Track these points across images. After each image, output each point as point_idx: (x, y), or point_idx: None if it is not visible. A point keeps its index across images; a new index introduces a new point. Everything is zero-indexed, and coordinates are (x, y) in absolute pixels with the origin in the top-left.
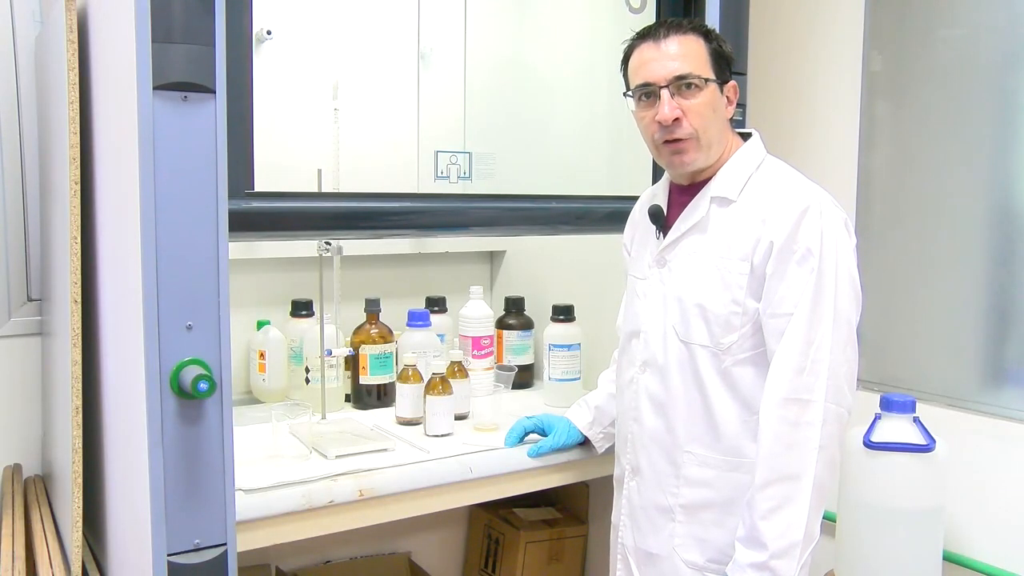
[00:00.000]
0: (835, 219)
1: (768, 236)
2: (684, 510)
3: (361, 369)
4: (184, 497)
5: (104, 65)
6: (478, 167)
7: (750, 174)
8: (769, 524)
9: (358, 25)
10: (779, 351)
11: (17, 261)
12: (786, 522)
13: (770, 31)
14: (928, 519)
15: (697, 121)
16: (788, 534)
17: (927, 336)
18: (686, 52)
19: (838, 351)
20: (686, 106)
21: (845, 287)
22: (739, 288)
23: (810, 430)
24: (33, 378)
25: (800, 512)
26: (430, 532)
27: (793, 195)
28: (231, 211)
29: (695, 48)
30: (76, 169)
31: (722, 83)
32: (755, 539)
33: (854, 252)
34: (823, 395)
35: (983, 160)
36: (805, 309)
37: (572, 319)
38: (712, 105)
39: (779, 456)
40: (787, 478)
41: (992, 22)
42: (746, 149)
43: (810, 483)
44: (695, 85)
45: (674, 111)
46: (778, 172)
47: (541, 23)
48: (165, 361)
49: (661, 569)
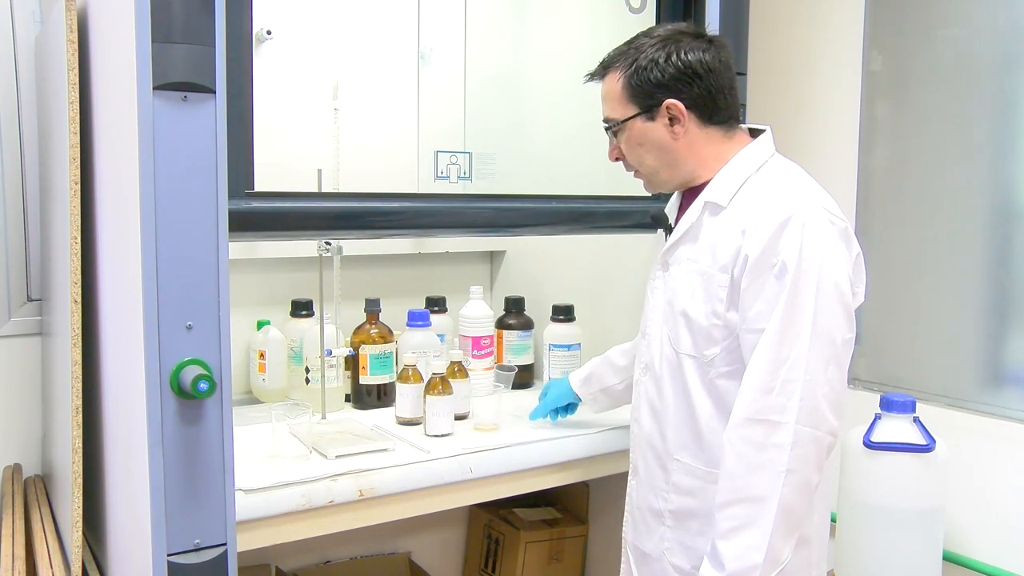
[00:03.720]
0: (820, 231)
1: (745, 249)
2: (673, 516)
3: (361, 369)
4: (184, 497)
5: (104, 65)
6: (478, 167)
7: (746, 178)
8: (728, 545)
9: (358, 25)
10: (748, 369)
11: (17, 261)
12: (745, 544)
13: (770, 31)
14: (928, 519)
15: (630, 159)
16: (746, 556)
17: (927, 336)
18: (605, 95)
19: (817, 370)
20: (619, 146)
21: (829, 303)
22: (719, 301)
23: (777, 452)
24: (33, 378)
25: (761, 535)
26: (430, 532)
27: (777, 204)
28: (231, 211)
29: (612, 88)
30: (76, 169)
31: (652, 109)
32: (715, 557)
33: (848, 265)
34: (794, 417)
35: (983, 160)
36: (776, 325)
37: (572, 319)
38: (637, 140)
39: (740, 477)
40: (749, 500)
41: (992, 22)
42: (747, 152)
43: (774, 506)
44: (612, 128)
45: (613, 152)
46: (774, 176)
47: (541, 23)
48: (165, 361)
49: (653, 569)
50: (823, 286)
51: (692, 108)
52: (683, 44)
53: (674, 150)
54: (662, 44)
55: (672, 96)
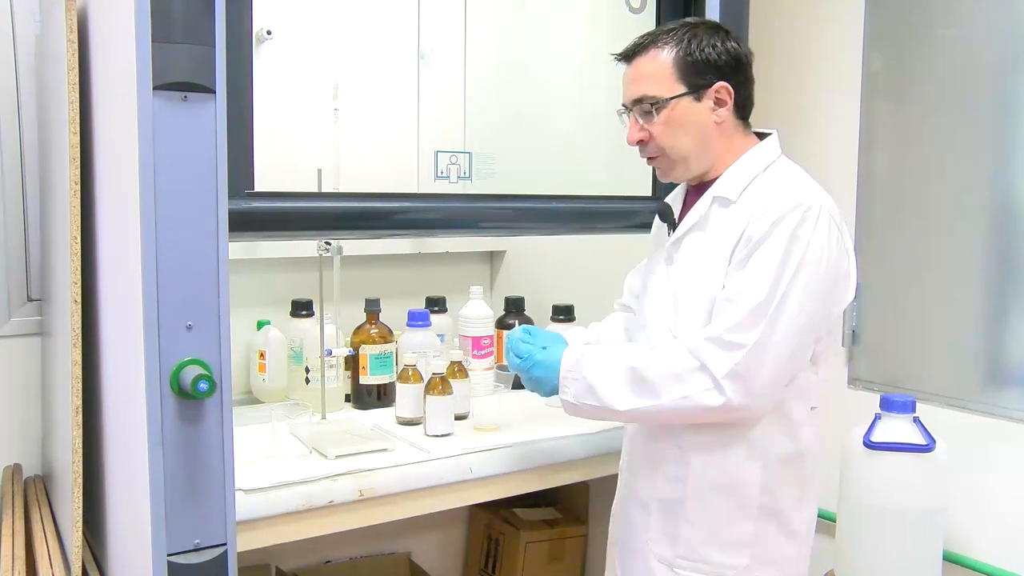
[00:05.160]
0: (821, 222)
1: (748, 231)
2: (659, 504)
3: (361, 369)
4: (184, 497)
5: (104, 65)
6: (478, 167)
7: (755, 176)
8: (609, 381)
9: (358, 25)
10: (712, 321)
11: (17, 261)
12: (614, 387)
13: (770, 31)
14: (928, 519)
15: (663, 140)
16: (601, 386)
17: (927, 336)
18: (647, 72)
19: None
20: (650, 127)
21: (807, 283)
22: (721, 287)
23: (697, 383)
24: (33, 378)
25: (621, 399)
26: (430, 532)
27: (783, 196)
28: (231, 211)
29: (657, 65)
30: (76, 169)
31: (700, 90)
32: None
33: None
34: (725, 373)
35: (983, 160)
36: (753, 297)
37: (572, 319)
38: (678, 121)
39: (661, 367)
40: (644, 381)
41: (992, 22)
42: (757, 151)
43: (656, 407)
44: (654, 106)
45: (638, 134)
46: (783, 175)
47: (541, 23)
48: (165, 361)
49: (635, 563)
50: (805, 269)
51: (736, 96)
52: (729, 34)
53: (712, 135)
54: (713, 30)
55: (723, 79)
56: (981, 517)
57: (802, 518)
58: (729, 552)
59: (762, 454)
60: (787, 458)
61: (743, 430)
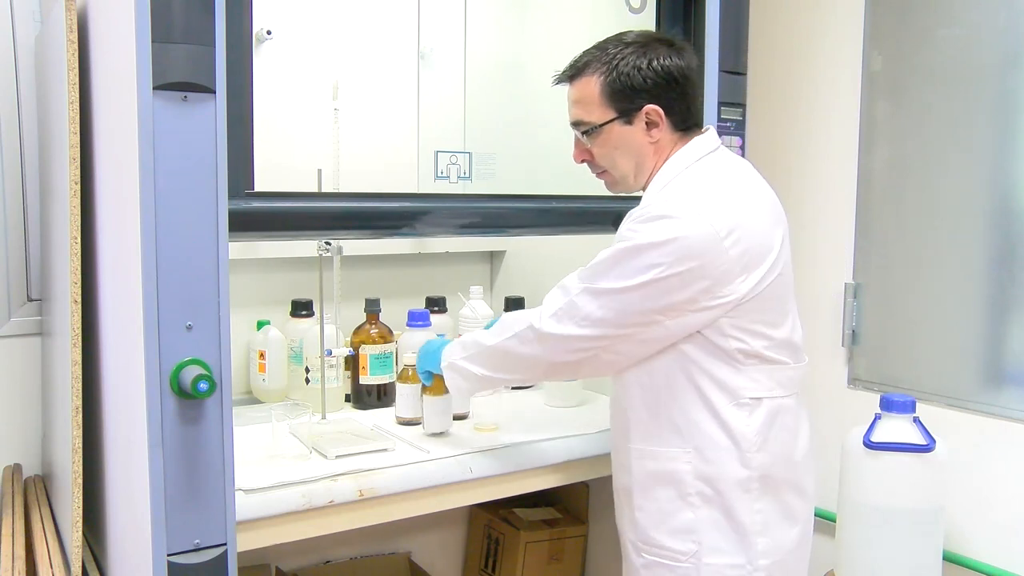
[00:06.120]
0: (677, 224)
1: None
2: (620, 491)
3: (361, 369)
4: (184, 497)
5: (104, 65)
6: (478, 167)
7: (666, 183)
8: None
9: (358, 25)
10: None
11: (17, 261)
12: (479, 334)
13: (770, 31)
14: (928, 519)
15: (602, 161)
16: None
17: (927, 336)
18: (580, 98)
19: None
20: (590, 147)
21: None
22: None
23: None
24: (33, 378)
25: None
26: (430, 532)
27: (654, 204)
28: (231, 211)
29: (588, 92)
30: (76, 169)
31: (630, 113)
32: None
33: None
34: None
35: (983, 160)
36: (572, 287)
37: None
38: (613, 144)
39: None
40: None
41: (992, 22)
42: (680, 153)
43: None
44: (589, 132)
45: (581, 154)
46: (690, 177)
47: (541, 23)
48: (165, 361)
49: (623, 543)
50: (608, 265)
51: (669, 114)
52: (660, 51)
53: (646, 154)
54: (641, 50)
55: (652, 101)
56: (981, 517)
57: (752, 508)
58: (677, 538)
59: (695, 443)
60: (721, 447)
61: (673, 421)
